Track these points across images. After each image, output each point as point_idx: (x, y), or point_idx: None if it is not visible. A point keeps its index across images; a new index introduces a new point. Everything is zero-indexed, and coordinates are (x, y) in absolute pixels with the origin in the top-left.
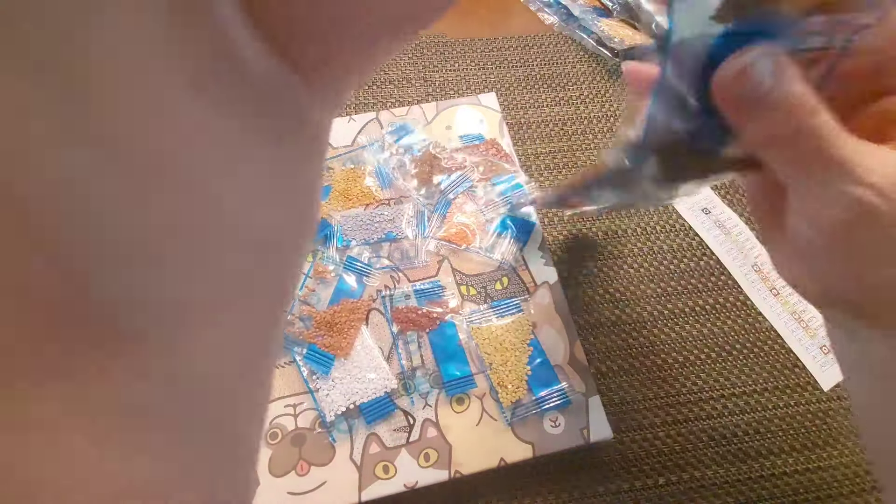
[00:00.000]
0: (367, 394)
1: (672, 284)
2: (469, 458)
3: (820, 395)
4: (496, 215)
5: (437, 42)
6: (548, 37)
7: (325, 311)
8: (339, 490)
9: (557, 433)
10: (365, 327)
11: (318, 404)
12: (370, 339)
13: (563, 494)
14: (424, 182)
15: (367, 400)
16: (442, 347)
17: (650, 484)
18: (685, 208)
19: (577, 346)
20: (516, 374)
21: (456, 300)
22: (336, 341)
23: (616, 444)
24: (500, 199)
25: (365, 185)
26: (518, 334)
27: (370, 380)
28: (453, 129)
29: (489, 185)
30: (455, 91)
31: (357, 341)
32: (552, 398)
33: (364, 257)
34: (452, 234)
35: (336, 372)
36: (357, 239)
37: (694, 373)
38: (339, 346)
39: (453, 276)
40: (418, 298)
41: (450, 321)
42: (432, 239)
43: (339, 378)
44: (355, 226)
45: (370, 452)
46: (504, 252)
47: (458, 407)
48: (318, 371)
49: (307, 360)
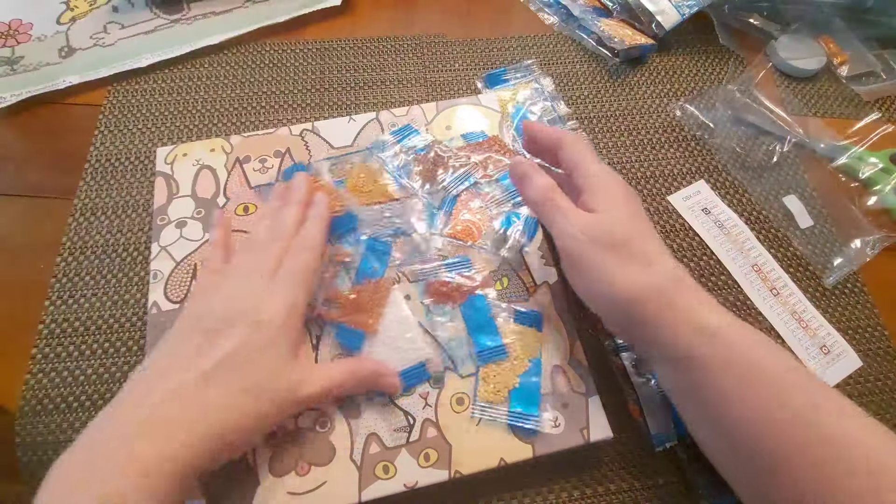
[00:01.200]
0: (402, 362)
1: None
2: (469, 458)
3: None
4: (501, 212)
5: (437, 42)
6: (548, 37)
7: (349, 291)
8: (339, 490)
9: (557, 433)
10: (398, 299)
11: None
12: (406, 308)
13: (562, 494)
14: (428, 179)
15: (404, 368)
16: (474, 319)
17: (650, 484)
18: (685, 208)
19: (577, 346)
20: (503, 379)
21: (481, 275)
22: (363, 319)
23: (616, 444)
24: (504, 196)
25: (381, 183)
26: (525, 347)
27: (406, 349)
28: (453, 128)
29: (493, 181)
30: (455, 91)
31: (391, 313)
32: (522, 420)
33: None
34: (458, 230)
35: (368, 346)
36: (369, 234)
37: None
38: (365, 323)
39: None
40: (448, 270)
41: (479, 294)
42: (438, 236)
43: (373, 352)
44: (371, 220)
45: (370, 452)
46: (510, 248)
47: (458, 407)
48: (348, 348)
49: (338, 337)
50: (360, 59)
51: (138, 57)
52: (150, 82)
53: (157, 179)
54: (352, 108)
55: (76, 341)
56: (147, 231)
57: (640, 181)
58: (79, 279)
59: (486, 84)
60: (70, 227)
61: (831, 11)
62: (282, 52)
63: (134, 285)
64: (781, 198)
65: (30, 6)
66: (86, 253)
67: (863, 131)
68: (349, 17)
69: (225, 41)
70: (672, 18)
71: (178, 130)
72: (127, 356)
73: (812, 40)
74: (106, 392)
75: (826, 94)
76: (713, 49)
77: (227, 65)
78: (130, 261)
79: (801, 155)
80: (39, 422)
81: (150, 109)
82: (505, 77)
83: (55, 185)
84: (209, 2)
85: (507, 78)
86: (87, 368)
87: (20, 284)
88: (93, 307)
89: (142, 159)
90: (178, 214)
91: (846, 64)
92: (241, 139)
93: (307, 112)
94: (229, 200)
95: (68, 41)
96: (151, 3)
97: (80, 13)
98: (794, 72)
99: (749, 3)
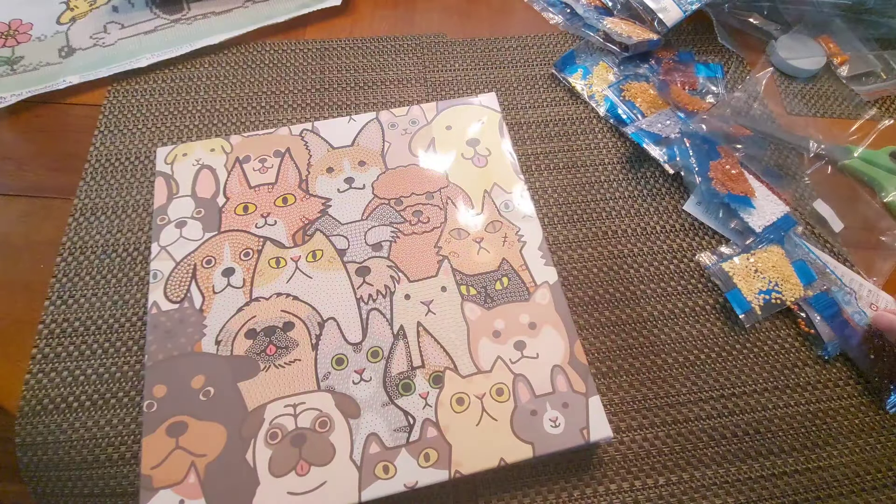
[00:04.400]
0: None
1: (672, 284)
2: (469, 458)
3: (820, 395)
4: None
5: (437, 42)
6: (548, 37)
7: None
8: (339, 490)
9: (557, 433)
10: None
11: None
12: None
13: (563, 494)
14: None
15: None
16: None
17: (650, 484)
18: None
19: (577, 346)
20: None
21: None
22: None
23: (616, 444)
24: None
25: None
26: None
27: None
28: (454, 128)
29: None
30: (455, 91)
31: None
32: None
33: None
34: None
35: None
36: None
37: (694, 373)
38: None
39: (453, 276)
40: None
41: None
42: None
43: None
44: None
45: (370, 452)
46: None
47: (458, 407)
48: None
49: (730, 200)
50: (360, 59)
51: (138, 57)
52: (150, 82)
53: (157, 179)
54: (352, 108)
55: (76, 341)
56: (147, 231)
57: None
58: (79, 279)
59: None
60: (70, 227)
61: (831, 11)
62: (282, 52)
63: (134, 285)
64: (811, 203)
65: (30, 6)
66: (86, 253)
67: (861, 130)
68: (349, 17)
69: (225, 41)
70: (674, 16)
71: (178, 130)
72: (127, 356)
73: (812, 40)
74: (106, 392)
75: (826, 94)
76: (713, 49)
77: (227, 65)
78: (130, 261)
79: (813, 159)
80: (39, 422)
81: (150, 109)
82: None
83: (55, 185)
84: (209, 2)
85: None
86: (87, 368)
87: (20, 284)
88: (93, 307)
89: (142, 159)
90: (178, 214)
91: (846, 64)
92: (241, 139)
93: (307, 112)
94: (229, 200)
95: (68, 41)
96: (151, 3)
97: (80, 13)
98: (794, 72)
99: (749, 3)
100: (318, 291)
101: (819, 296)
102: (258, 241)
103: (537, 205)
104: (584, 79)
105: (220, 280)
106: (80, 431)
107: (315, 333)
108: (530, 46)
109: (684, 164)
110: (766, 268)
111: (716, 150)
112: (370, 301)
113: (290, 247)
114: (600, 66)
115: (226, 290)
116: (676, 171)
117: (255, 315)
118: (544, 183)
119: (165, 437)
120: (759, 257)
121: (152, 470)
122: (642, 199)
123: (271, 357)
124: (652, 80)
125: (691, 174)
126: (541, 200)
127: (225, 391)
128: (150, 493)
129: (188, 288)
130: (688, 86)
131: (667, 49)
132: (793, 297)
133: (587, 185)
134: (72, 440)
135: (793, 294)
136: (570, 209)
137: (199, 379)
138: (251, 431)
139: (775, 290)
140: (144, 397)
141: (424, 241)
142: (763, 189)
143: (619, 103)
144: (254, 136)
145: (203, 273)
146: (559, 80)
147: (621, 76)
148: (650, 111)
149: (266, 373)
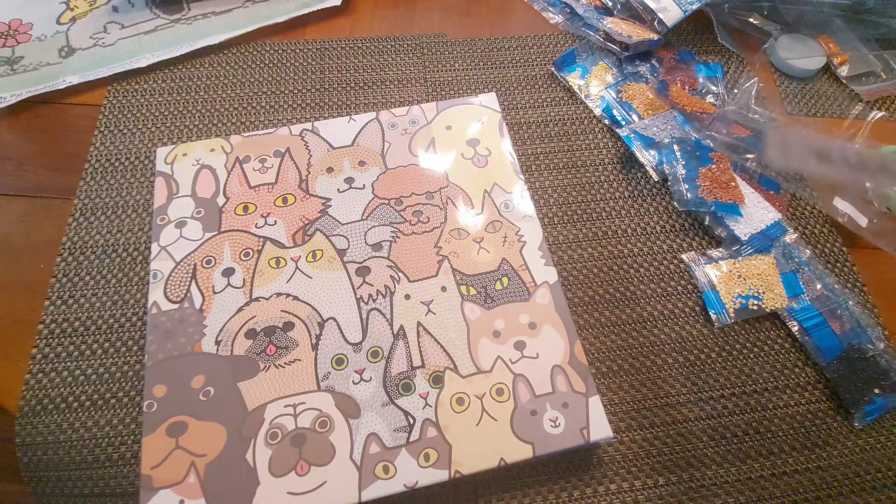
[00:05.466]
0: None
1: (672, 284)
2: (469, 458)
3: (820, 395)
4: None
5: (437, 42)
6: (548, 36)
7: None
8: (339, 490)
9: (557, 433)
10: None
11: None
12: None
13: (562, 494)
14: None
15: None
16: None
17: (650, 484)
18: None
19: (577, 346)
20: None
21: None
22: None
23: (616, 444)
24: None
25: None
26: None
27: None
28: (454, 128)
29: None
30: (455, 91)
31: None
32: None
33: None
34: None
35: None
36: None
37: (694, 373)
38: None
39: (453, 276)
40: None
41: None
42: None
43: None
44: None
45: (370, 452)
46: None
47: (458, 407)
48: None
49: (717, 208)
50: (360, 59)
51: (138, 57)
52: (149, 82)
53: (157, 179)
54: (352, 108)
55: (76, 341)
56: (147, 231)
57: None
58: (79, 279)
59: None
60: (70, 227)
61: (831, 11)
62: (282, 52)
63: (134, 285)
64: (833, 202)
65: (30, 6)
66: (86, 253)
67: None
68: (349, 17)
69: (225, 41)
70: (674, 15)
71: (178, 130)
72: (127, 356)
73: (812, 40)
74: (106, 392)
75: (826, 94)
76: (713, 49)
77: (227, 65)
78: (130, 261)
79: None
80: (39, 422)
81: (150, 109)
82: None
83: (55, 185)
84: (209, 2)
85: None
86: (87, 368)
87: (20, 284)
88: (93, 307)
89: (142, 159)
90: (178, 214)
91: (846, 64)
92: (241, 139)
93: (307, 112)
94: (229, 200)
95: (68, 41)
96: (151, 3)
97: (80, 13)
98: (793, 72)
99: (749, 3)
100: (318, 291)
101: (806, 307)
102: (258, 241)
103: (537, 205)
104: (582, 78)
105: (220, 280)
106: (80, 431)
107: (315, 333)
108: (530, 46)
109: (671, 171)
110: (751, 275)
111: (709, 156)
112: (370, 301)
113: (290, 247)
114: (599, 67)
115: (226, 290)
116: (662, 178)
117: (255, 315)
118: (544, 183)
119: (165, 437)
120: (746, 264)
121: (152, 470)
122: (642, 200)
123: (271, 357)
124: (651, 80)
125: (678, 182)
126: (541, 200)
127: (225, 391)
128: (150, 493)
129: (188, 288)
130: (688, 86)
131: (667, 49)
132: (774, 306)
133: (587, 185)
134: (72, 440)
135: (774, 303)
136: (570, 209)
137: (199, 379)
138: (251, 431)
139: (755, 297)
140: (144, 397)
141: (424, 241)
142: (756, 196)
143: (616, 104)
144: (254, 136)
145: (203, 273)
146: (559, 79)
147: (620, 77)
148: (647, 113)
149: (266, 373)
